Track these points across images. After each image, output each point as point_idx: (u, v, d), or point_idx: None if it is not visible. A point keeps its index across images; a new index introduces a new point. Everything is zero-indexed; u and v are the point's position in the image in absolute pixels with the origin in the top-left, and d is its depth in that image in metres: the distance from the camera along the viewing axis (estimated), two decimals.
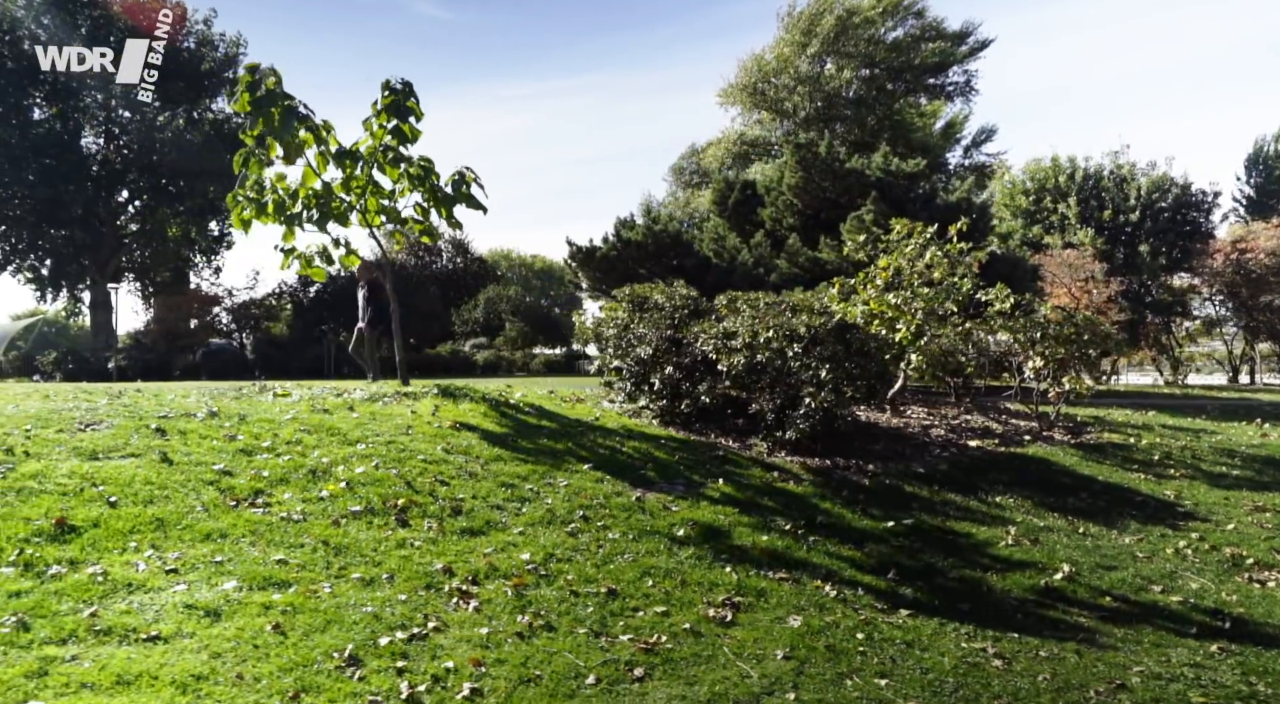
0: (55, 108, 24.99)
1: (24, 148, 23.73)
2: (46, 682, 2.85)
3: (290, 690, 2.98)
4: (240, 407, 6.91)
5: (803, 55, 35.61)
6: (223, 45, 27.46)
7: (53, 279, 26.74)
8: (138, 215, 27.51)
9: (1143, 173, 36.25)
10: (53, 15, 23.49)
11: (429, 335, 33.61)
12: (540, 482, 5.93)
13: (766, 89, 36.96)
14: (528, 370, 34.92)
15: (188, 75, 25.90)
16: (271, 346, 27.64)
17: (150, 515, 4.44)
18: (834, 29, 34.63)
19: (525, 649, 3.53)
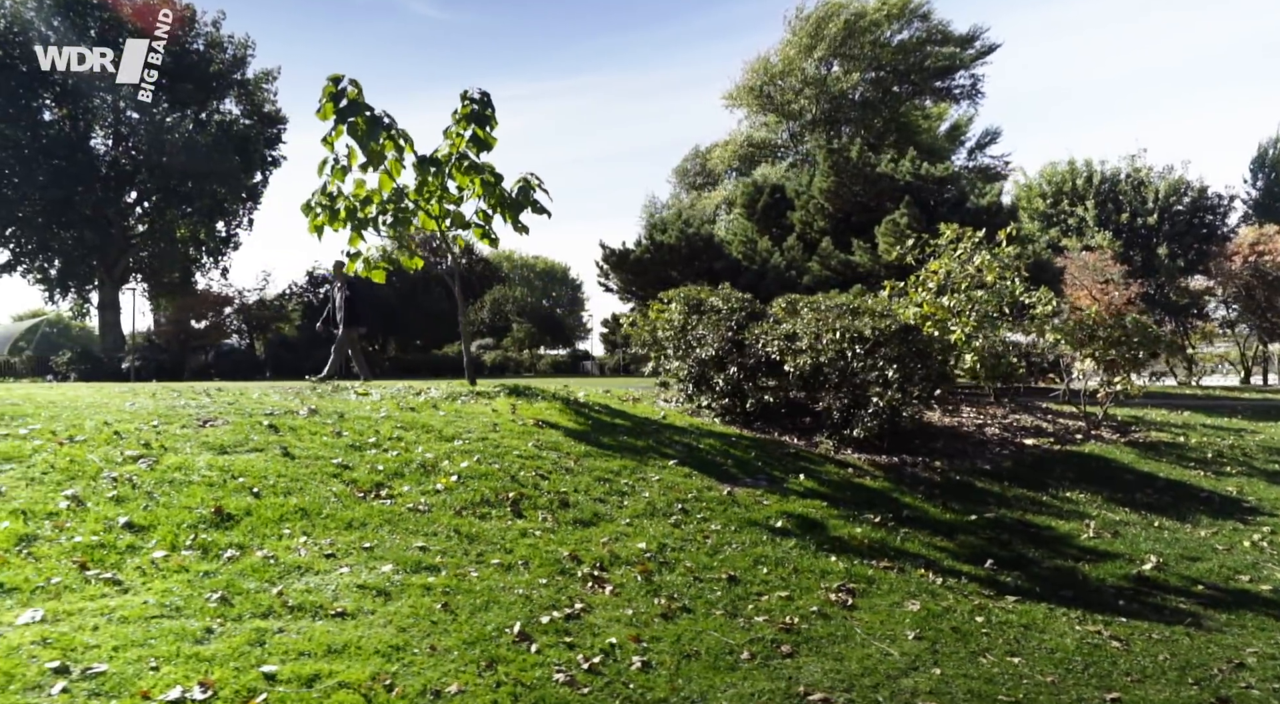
0: (65, 109, 25.13)
1: (34, 149, 23.86)
2: (269, 650, 3.11)
3: (481, 661, 3.23)
4: (334, 405, 7.19)
5: (809, 58, 35.75)
6: (231, 47, 27.57)
7: (61, 280, 26.86)
8: (146, 216, 27.63)
9: (1160, 176, 36.37)
10: (53, 15, 23.57)
11: (436, 336, 33.69)
12: (632, 476, 6.17)
13: (773, 91, 37.08)
14: (535, 371, 35.03)
15: (196, 77, 26.08)
16: (282, 347, 27.84)
17: (293, 505, 4.71)
18: (841, 32, 34.78)
19: (674, 628, 3.77)
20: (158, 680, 2.81)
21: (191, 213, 27.59)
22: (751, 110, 38.88)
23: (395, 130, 8.19)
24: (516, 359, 38.07)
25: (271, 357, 26.70)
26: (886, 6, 35.44)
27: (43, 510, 4.17)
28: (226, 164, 26.44)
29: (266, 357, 26.96)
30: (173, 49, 25.36)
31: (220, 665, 2.96)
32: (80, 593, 3.45)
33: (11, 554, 3.68)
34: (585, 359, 44.20)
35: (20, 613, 3.21)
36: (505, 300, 50.30)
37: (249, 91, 28.40)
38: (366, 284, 10.82)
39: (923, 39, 36.13)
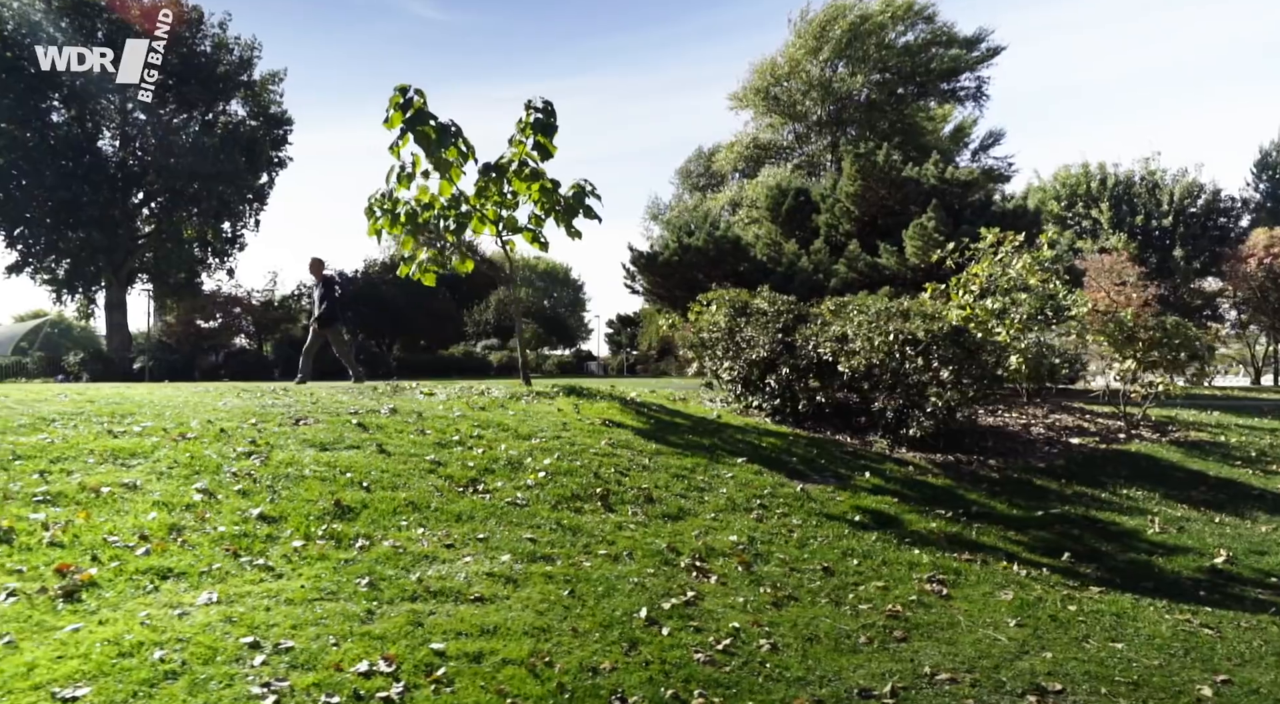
0: (72, 111, 25.22)
1: (43, 151, 23.98)
2: (428, 630, 3.33)
3: (623, 642, 3.45)
4: (408, 405, 7.43)
5: (814, 60, 35.81)
6: (237, 48, 27.60)
7: (68, 281, 26.89)
8: (153, 217, 27.65)
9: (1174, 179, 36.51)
10: (53, 16, 23.63)
11: (442, 336, 33.78)
12: (706, 473, 6.38)
13: (779, 93, 37.10)
14: (541, 371, 35.17)
15: (204, 78, 26.17)
16: (292, 348, 27.80)
17: (402, 499, 4.94)
18: (846, 34, 34.82)
19: (787, 615, 3.97)
20: (343, 655, 3.04)
21: (198, 214, 27.70)
22: (758, 112, 38.92)
23: (463, 139, 8.43)
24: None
25: (282, 357, 26.81)
26: (891, 9, 35.53)
27: (180, 502, 4.41)
28: (233, 165, 26.57)
29: (276, 357, 27.05)
30: (180, 50, 25.51)
31: (392, 643, 3.18)
32: (241, 577, 3.69)
33: (168, 542, 3.92)
34: (589, 359, 44.27)
35: (197, 595, 3.44)
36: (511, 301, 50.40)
37: (255, 93, 28.43)
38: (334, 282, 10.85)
39: (928, 41, 36.18)
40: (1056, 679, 3.32)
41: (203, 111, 27.04)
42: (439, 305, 32.57)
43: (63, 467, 4.69)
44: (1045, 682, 3.28)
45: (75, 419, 5.68)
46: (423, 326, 32.11)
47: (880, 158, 19.14)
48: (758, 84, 37.45)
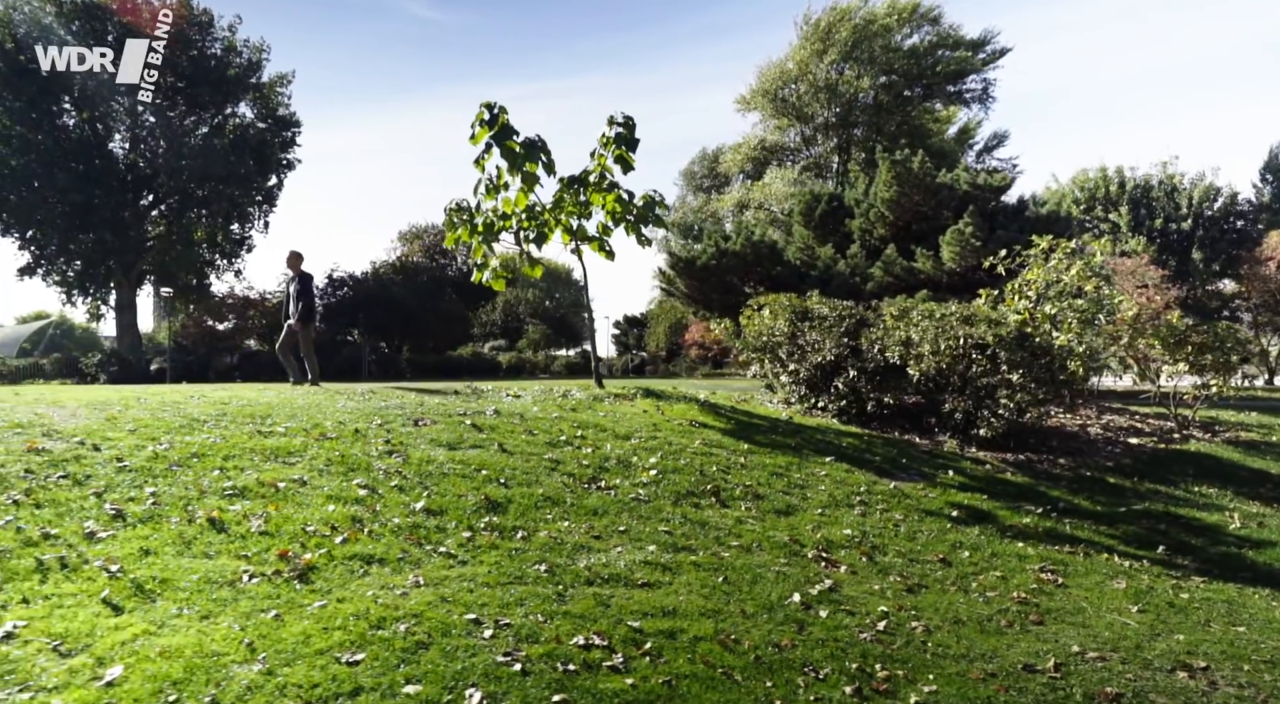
0: (84, 114, 25.27)
1: (55, 153, 24.06)
2: (615, 610, 3.65)
3: (791, 622, 3.76)
4: (510, 407, 7.77)
5: (820, 62, 35.93)
6: (247, 51, 27.58)
7: (80, 282, 26.81)
8: (163, 219, 27.64)
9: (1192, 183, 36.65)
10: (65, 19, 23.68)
11: (450, 337, 33.58)
12: (800, 472, 6.68)
13: (786, 95, 37.23)
14: (550, 372, 35.11)
15: (214, 81, 26.21)
16: None
17: (539, 494, 5.27)
18: (851, 36, 34.92)
19: (925, 601, 4.27)
20: (556, 630, 3.36)
21: (208, 216, 27.68)
22: (765, 114, 39.06)
23: (547, 153, 8.78)
24: (532, 360, 38.06)
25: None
26: (896, 11, 35.62)
27: (349, 497, 4.75)
28: (243, 167, 26.62)
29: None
30: (190, 53, 25.65)
31: (593, 621, 3.50)
32: (432, 563, 4.02)
33: (357, 532, 4.26)
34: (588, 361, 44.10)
35: (404, 578, 3.78)
36: (517, 302, 50.35)
37: (264, 95, 28.43)
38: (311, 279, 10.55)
39: (934, 43, 36.24)
40: (1198, 658, 3.60)
41: (213, 114, 27.10)
42: (448, 307, 32.33)
43: (235, 464, 5.05)
44: (1189, 660, 3.56)
45: (221, 420, 6.05)
46: (432, 328, 31.80)
47: (915, 165, 19.36)
48: (764, 86, 37.60)
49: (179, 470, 4.82)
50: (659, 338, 38.67)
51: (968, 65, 36.69)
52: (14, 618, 3.00)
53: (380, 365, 28.03)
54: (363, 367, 26.24)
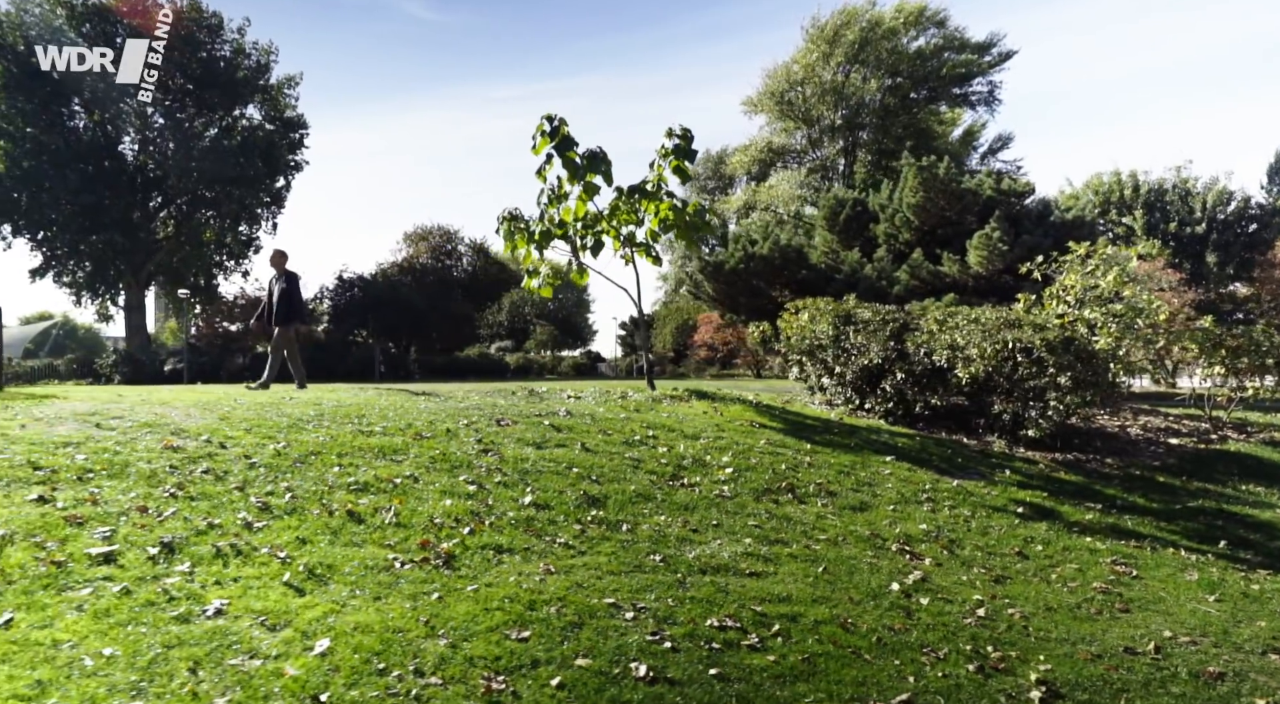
0: (95, 115, 25.45)
1: (67, 155, 24.23)
2: (735, 596, 3.91)
3: (897, 609, 4.01)
4: (579, 407, 8.05)
5: (827, 65, 36.13)
6: (255, 53, 27.71)
7: (90, 283, 26.96)
8: (172, 220, 27.73)
9: (1205, 187, 36.74)
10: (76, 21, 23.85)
11: (457, 338, 33.49)
12: (865, 470, 6.92)
13: (793, 98, 37.42)
14: (557, 373, 35.26)
15: (223, 83, 26.38)
16: (317, 350, 27.87)
17: (631, 491, 5.54)
18: (858, 39, 35.11)
19: (1013, 590, 4.51)
20: (689, 614, 3.63)
21: (216, 217, 27.80)
22: (772, 117, 39.06)
23: (608, 164, 9.06)
24: (539, 361, 38.08)
25: (306, 359, 26.77)
26: (902, 14, 35.76)
27: (460, 492, 5.04)
28: (252, 169, 26.78)
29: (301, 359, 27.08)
30: (199, 56, 25.82)
31: (718, 606, 3.77)
32: (554, 554, 4.30)
33: (479, 524, 4.54)
34: (599, 361, 44.14)
35: (534, 566, 4.06)
36: (523, 303, 50.15)
37: (272, 97, 28.51)
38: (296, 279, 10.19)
39: (940, 46, 36.39)
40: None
41: (221, 116, 27.18)
42: (456, 307, 32.17)
43: (349, 461, 5.35)
44: (1276, 644, 3.79)
45: (322, 421, 6.36)
46: (441, 329, 31.72)
47: (941, 170, 19.58)
48: (771, 89, 37.75)
49: (303, 467, 5.11)
50: (665, 339, 38.69)
51: (974, 68, 36.79)
52: (216, 597, 3.30)
53: (388, 366, 28.15)
54: (375, 368, 26.27)
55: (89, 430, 5.32)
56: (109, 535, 3.78)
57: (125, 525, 3.91)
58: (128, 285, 27.35)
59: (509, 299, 43.17)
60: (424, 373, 28.39)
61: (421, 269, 32.60)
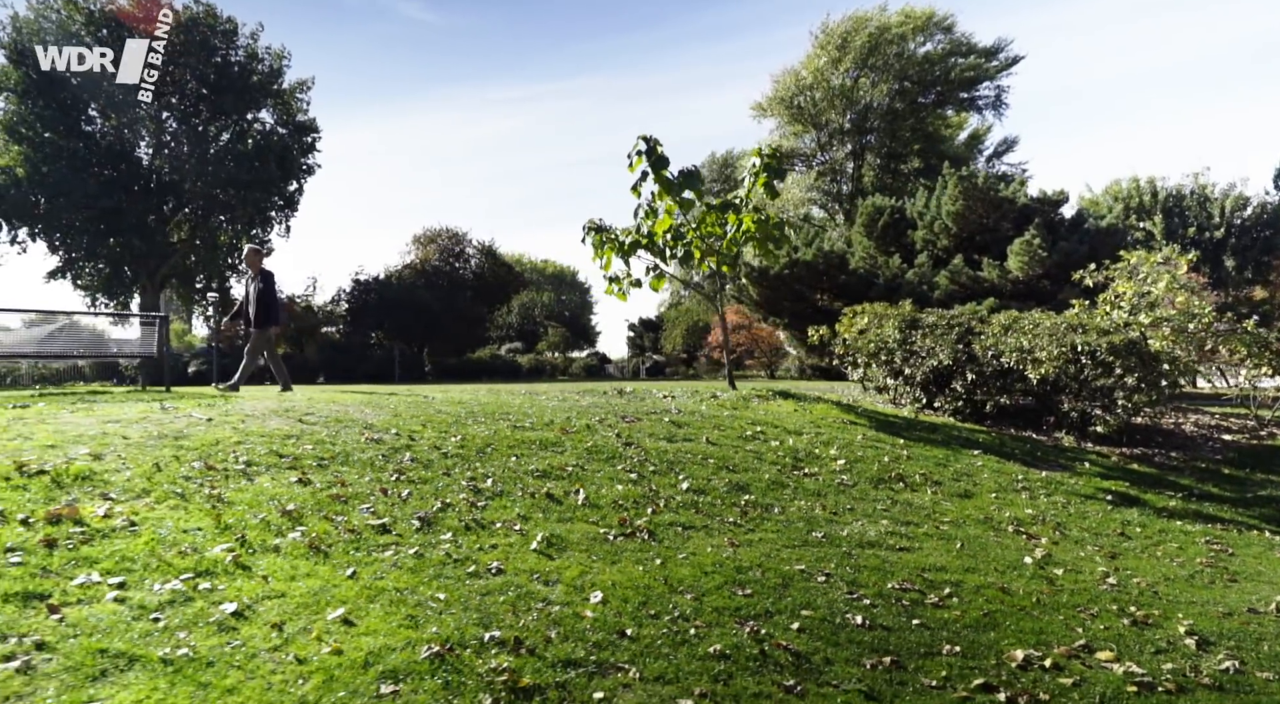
0: (112, 120, 25.54)
1: (85, 160, 24.31)
2: (897, 566, 4.46)
3: (1039, 579, 4.54)
4: (683, 405, 8.63)
5: (836, 70, 36.36)
6: (268, 58, 27.72)
7: (107, 286, 26.83)
8: (188, 223, 27.79)
9: (1223, 193, 36.90)
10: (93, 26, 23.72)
11: (471, 340, 33.32)
12: (959, 462, 7.44)
13: (802, 102, 37.61)
14: (568, 374, 35.35)
15: (238, 88, 26.46)
16: (334, 351, 28.00)
17: (766, 479, 6.10)
18: (866, 45, 35.31)
19: (1127, 564, 5.02)
20: (869, 579, 4.19)
21: (231, 221, 27.81)
22: (782, 120, 39.17)
23: (701, 180, 9.65)
24: (551, 362, 38.15)
25: (324, 361, 26.72)
26: (910, 20, 35.92)
27: (624, 479, 5.63)
28: (267, 173, 26.77)
29: (320, 361, 26.87)
30: (213, 61, 25.91)
31: (889, 574, 4.33)
32: (730, 531, 4.87)
33: (657, 505, 5.13)
34: (605, 362, 43.93)
35: (719, 540, 4.64)
36: (533, 305, 49.84)
37: (284, 101, 28.51)
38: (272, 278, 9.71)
39: (947, 51, 36.51)
40: None
41: (235, 120, 27.12)
42: (469, 309, 32.09)
43: (519, 452, 5.96)
44: None
45: (476, 417, 6.99)
46: (454, 331, 31.52)
47: (980, 180, 20.01)
48: (781, 94, 37.94)
49: (485, 457, 5.74)
50: (676, 340, 38.63)
51: (982, 73, 36.86)
52: (490, 560, 3.91)
53: (405, 368, 28.18)
54: (394, 369, 26.26)
55: (298, 426, 5.98)
56: (373, 510, 4.41)
57: (379, 503, 4.54)
58: (143, 288, 27.39)
59: (518, 301, 42.88)
60: (438, 374, 28.32)
61: (433, 271, 32.58)
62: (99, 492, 4.13)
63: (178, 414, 6.10)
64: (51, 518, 3.68)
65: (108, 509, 3.89)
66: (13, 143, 24.08)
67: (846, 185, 38.99)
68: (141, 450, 4.89)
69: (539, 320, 48.46)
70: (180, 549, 3.57)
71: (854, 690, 2.95)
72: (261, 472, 4.81)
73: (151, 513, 3.95)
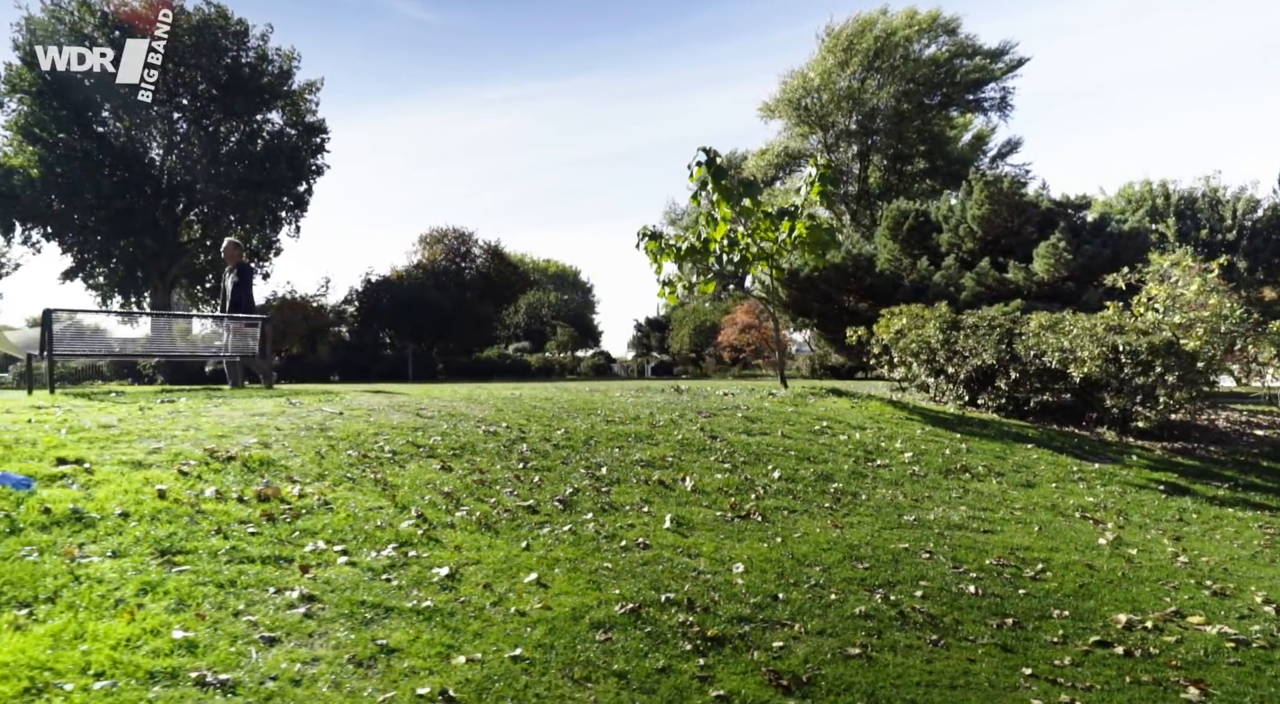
0: (125, 121, 25.33)
1: (99, 161, 24.35)
2: (987, 545, 4.86)
3: (1117, 556, 4.93)
4: (747, 401, 9.05)
5: (843, 72, 36.53)
6: (278, 59, 27.64)
7: (122, 286, 26.81)
8: (198, 223, 27.81)
9: (1234, 196, 36.98)
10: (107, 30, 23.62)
11: (480, 339, 33.21)
12: (1015, 455, 7.82)
13: (810, 104, 37.82)
14: (576, 373, 35.43)
15: (250, 90, 26.40)
16: (346, 351, 27.99)
17: (845, 469, 6.51)
18: (872, 47, 35.47)
19: (1192, 545, 5.40)
20: (967, 556, 4.59)
21: (242, 221, 27.84)
22: (789, 122, 39.41)
23: (759, 190, 10.06)
24: (561, 362, 38.13)
25: (338, 361, 26.63)
26: (915, 23, 36.04)
27: (719, 469, 6.06)
28: (278, 174, 26.75)
29: (333, 361, 26.65)
30: (224, 62, 25.89)
31: (983, 552, 4.72)
32: (829, 515, 5.29)
33: (757, 491, 5.56)
34: (610, 362, 43.33)
35: (824, 522, 5.06)
36: (540, 304, 49.47)
37: (294, 102, 28.45)
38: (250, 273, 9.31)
39: (952, 53, 36.64)
40: None
41: (246, 121, 27.12)
42: (478, 309, 31.86)
43: (618, 444, 6.40)
44: None
45: (569, 413, 7.44)
46: (465, 330, 31.32)
47: (1005, 185, 20.30)
48: (788, 96, 38.17)
49: (591, 448, 6.18)
50: (683, 340, 38.51)
51: (987, 75, 36.91)
52: (634, 536, 4.34)
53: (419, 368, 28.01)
54: (408, 369, 26.30)
55: (418, 420, 6.45)
56: (516, 494, 4.86)
57: (518, 488, 5.00)
58: (154, 288, 27.42)
59: (524, 301, 42.71)
60: (450, 374, 28.14)
61: (441, 271, 32.37)
62: (284, 475, 4.60)
63: (307, 408, 6.58)
64: (261, 496, 4.15)
65: (300, 490, 4.36)
66: (27, 144, 24.08)
67: (853, 186, 39.16)
68: (299, 440, 5.37)
69: (546, 320, 48.47)
70: (375, 524, 4.03)
71: (989, 644, 3.36)
72: (407, 459, 5.28)
73: (333, 494, 4.41)
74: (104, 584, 2.98)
